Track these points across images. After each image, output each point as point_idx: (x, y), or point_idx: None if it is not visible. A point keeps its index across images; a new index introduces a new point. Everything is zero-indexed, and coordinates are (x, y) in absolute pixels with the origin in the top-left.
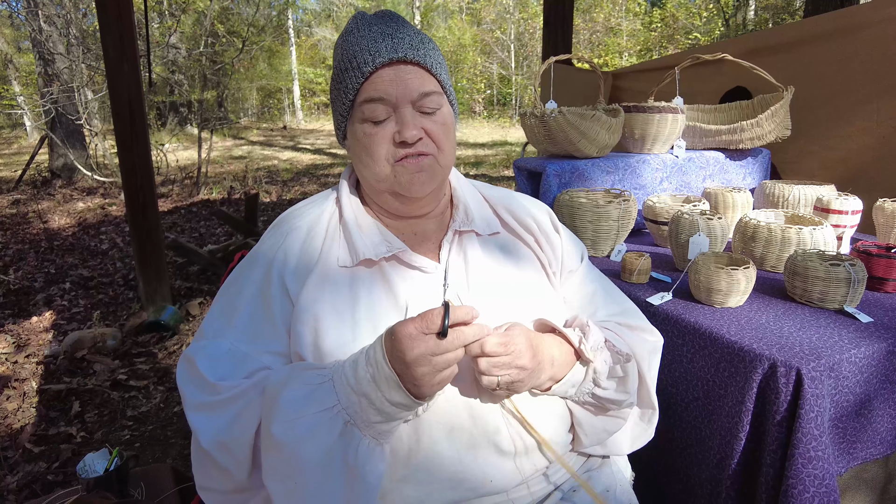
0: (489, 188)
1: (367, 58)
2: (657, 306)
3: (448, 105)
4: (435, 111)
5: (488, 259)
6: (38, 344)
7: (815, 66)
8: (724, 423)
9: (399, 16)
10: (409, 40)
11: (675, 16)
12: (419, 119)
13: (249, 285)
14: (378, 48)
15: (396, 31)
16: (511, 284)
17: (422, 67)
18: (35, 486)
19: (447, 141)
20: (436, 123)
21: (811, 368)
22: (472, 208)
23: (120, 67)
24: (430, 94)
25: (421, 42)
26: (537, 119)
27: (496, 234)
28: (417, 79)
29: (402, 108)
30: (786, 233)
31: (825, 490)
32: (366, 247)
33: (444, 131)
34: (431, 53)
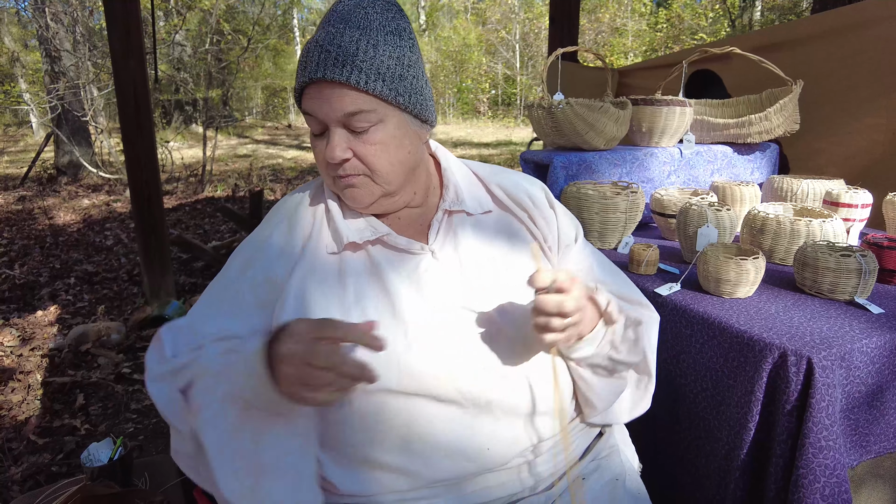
0: (481, 166)
1: (299, 72)
2: (665, 296)
3: (397, 117)
4: (366, 130)
5: (480, 238)
6: (42, 337)
7: (823, 63)
8: (733, 414)
9: (355, 16)
10: (336, 54)
11: (680, 16)
12: (349, 139)
13: (230, 269)
14: (307, 62)
15: (333, 39)
16: (505, 262)
17: (347, 86)
18: (39, 476)
19: (382, 161)
20: (366, 144)
21: (822, 358)
22: (463, 188)
23: (126, 63)
24: (358, 113)
25: (354, 52)
26: (545, 110)
27: (488, 212)
28: (341, 98)
29: (331, 126)
30: (795, 225)
31: (836, 480)
32: (349, 231)
33: (378, 151)
34: (365, 66)
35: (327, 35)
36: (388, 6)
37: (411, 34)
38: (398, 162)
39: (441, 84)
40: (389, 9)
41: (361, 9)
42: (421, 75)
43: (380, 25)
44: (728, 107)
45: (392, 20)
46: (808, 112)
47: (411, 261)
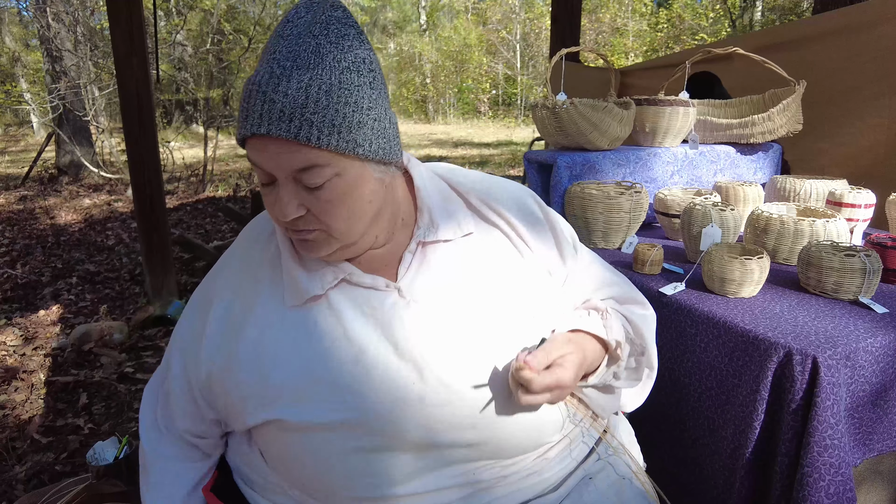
0: (462, 175)
1: (241, 118)
2: (670, 296)
3: (357, 168)
4: (321, 186)
5: (460, 267)
6: (45, 337)
7: (825, 63)
8: (738, 413)
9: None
10: (283, 104)
11: (681, 16)
12: (301, 194)
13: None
14: (248, 111)
15: (278, 85)
16: (493, 290)
17: (297, 143)
18: (43, 476)
19: (339, 217)
20: (320, 200)
21: (827, 357)
22: (438, 210)
23: (129, 62)
24: (311, 168)
25: (304, 103)
26: (549, 111)
27: (469, 234)
28: (290, 155)
29: (280, 180)
30: (798, 225)
31: (841, 479)
32: (310, 283)
33: (334, 207)
34: (317, 118)
35: (271, 77)
36: (344, 29)
37: (371, 63)
38: (357, 216)
39: (441, 84)
40: (345, 34)
41: (312, 37)
42: (383, 114)
43: (334, 61)
44: (731, 107)
45: (349, 50)
46: (811, 112)
47: (378, 300)
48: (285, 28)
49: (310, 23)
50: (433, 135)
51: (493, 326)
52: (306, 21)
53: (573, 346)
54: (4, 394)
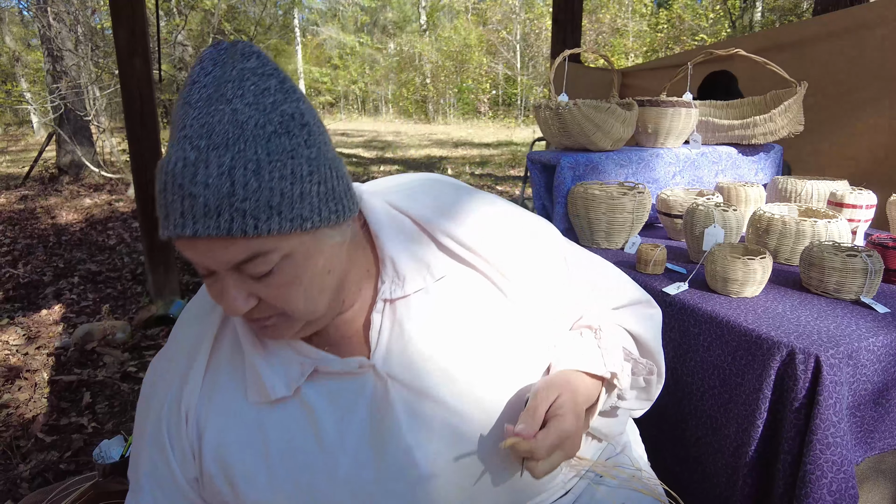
0: (421, 204)
1: (160, 213)
2: (673, 296)
3: (306, 242)
4: (269, 272)
5: (434, 321)
6: (48, 336)
7: (825, 64)
8: (741, 411)
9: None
10: (206, 197)
11: (681, 17)
12: (248, 284)
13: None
14: (166, 208)
15: (195, 175)
16: (479, 343)
17: (230, 238)
18: (48, 474)
19: (296, 300)
20: (270, 287)
21: (830, 356)
22: (402, 258)
23: (131, 62)
24: (252, 259)
25: (231, 191)
26: (552, 111)
27: (441, 278)
28: (224, 250)
29: (219, 274)
30: (800, 225)
31: (843, 476)
32: (272, 376)
33: (287, 290)
34: (248, 205)
35: (185, 165)
36: (262, 83)
37: (302, 116)
38: (317, 292)
39: (441, 84)
40: (265, 89)
41: (225, 103)
42: (328, 172)
43: (257, 128)
44: (732, 108)
45: (273, 109)
46: (812, 114)
47: (354, 390)
48: (192, 92)
49: (219, 81)
50: (433, 135)
51: (485, 390)
52: (215, 79)
53: (558, 388)
54: (8, 393)
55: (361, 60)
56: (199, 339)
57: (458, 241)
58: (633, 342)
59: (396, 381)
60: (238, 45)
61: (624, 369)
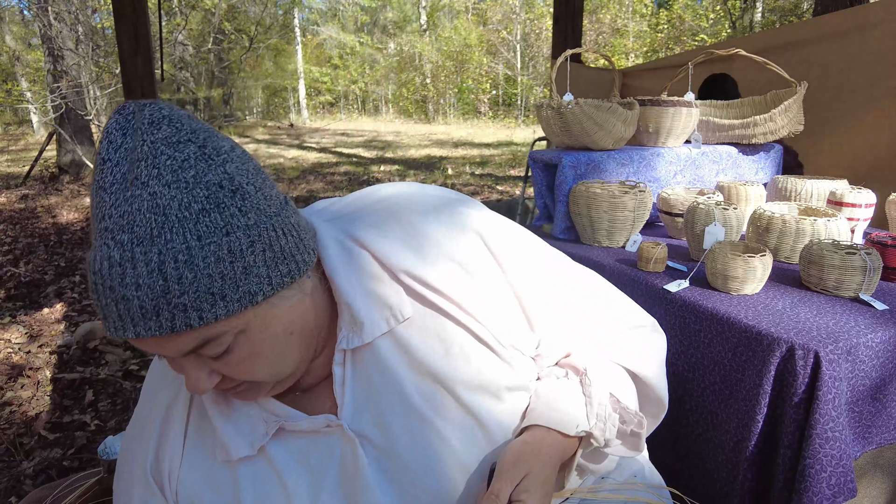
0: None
1: (97, 310)
2: (674, 293)
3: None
4: (225, 350)
5: (403, 368)
6: (50, 334)
7: (825, 65)
8: (740, 407)
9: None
10: (140, 299)
11: (681, 17)
12: (208, 363)
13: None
14: (103, 311)
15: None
16: (447, 389)
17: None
18: (51, 471)
19: (262, 370)
20: (230, 364)
21: (829, 351)
22: (361, 302)
23: (134, 60)
24: (205, 344)
25: (165, 289)
26: (554, 111)
27: (407, 319)
28: (172, 342)
29: (177, 359)
30: (800, 224)
31: (842, 470)
32: (236, 438)
33: (249, 364)
34: (188, 298)
35: (111, 266)
36: (178, 154)
37: (231, 179)
38: (282, 356)
39: (442, 84)
40: (183, 162)
41: (141, 187)
42: (272, 233)
43: (182, 210)
44: (733, 108)
45: (196, 184)
46: (812, 113)
47: (323, 450)
48: (104, 174)
49: (131, 159)
50: (433, 135)
51: (459, 445)
52: (126, 154)
53: (527, 464)
54: (11, 390)
55: (361, 60)
56: (175, 395)
57: (425, 283)
58: (627, 380)
59: (366, 439)
60: (146, 111)
61: (609, 420)
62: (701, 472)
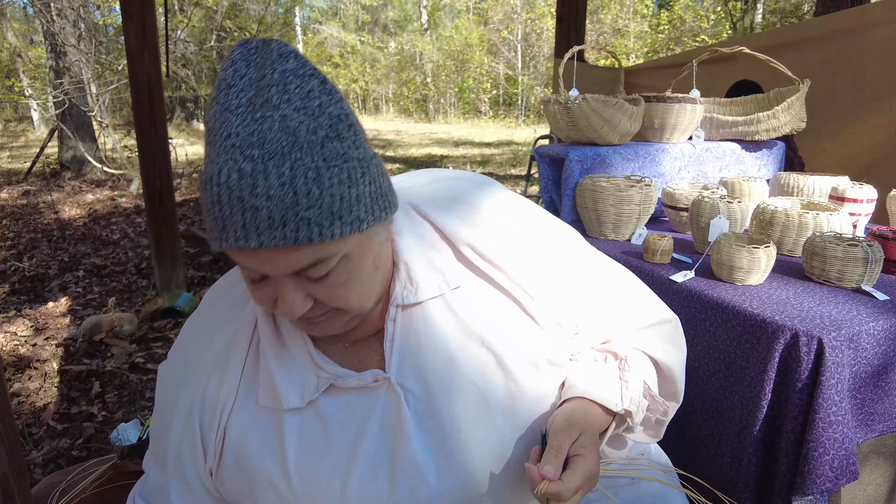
0: (449, 205)
1: (213, 226)
2: (680, 283)
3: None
4: (327, 274)
5: (449, 332)
6: (56, 328)
7: (827, 64)
8: (745, 394)
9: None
10: (269, 209)
11: (682, 18)
12: (305, 286)
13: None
14: (224, 223)
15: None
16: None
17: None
18: (60, 460)
19: (352, 297)
20: (328, 288)
21: (832, 338)
22: (417, 264)
23: (141, 57)
24: (314, 265)
25: (294, 202)
26: (561, 106)
27: (458, 288)
28: (288, 257)
29: (277, 279)
30: (803, 218)
31: (844, 453)
32: (289, 388)
33: (346, 290)
34: (312, 213)
35: (241, 178)
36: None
37: (347, 116)
38: (368, 289)
39: (442, 84)
40: (310, 92)
41: (273, 109)
42: (375, 170)
43: (310, 134)
44: (736, 105)
45: (321, 113)
46: (814, 112)
47: (368, 405)
48: (229, 97)
49: (259, 85)
50: (434, 134)
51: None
52: (252, 82)
53: (579, 426)
54: (19, 382)
55: (362, 59)
56: (234, 336)
57: (480, 254)
58: (654, 372)
59: (410, 393)
60: (273, 45)
61: (640, 406)
62: (706, 457)
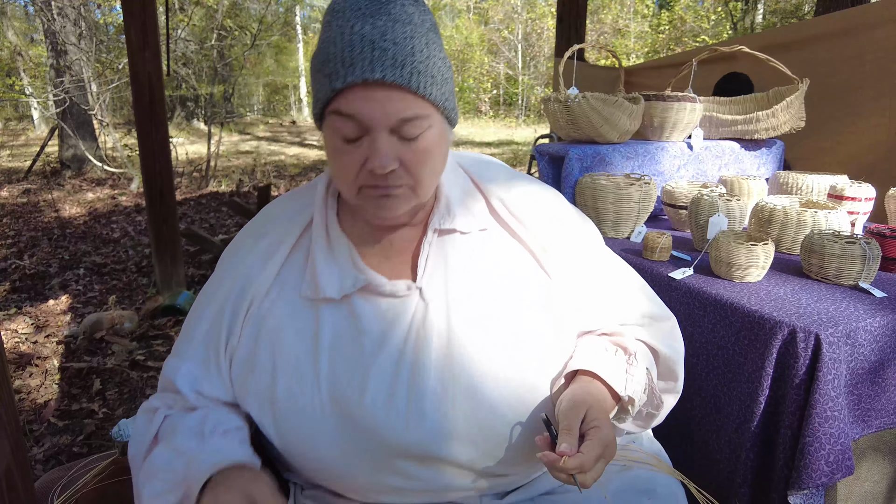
0: (488, 172)
1: (339, 69)
2: (679, 280)
3: (440, 122)
4: (417, 136)
5: (473, 264)
6: (56, 325)
7: (827, 64)
8: (743, 390)
9: (393, 9)
10: (394, 51)
11: (682, 18)
12: (396, 146)
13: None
14: (353, 59)
15: (384, 34)
16: (501, 296)
17: (406, 90)
18: (61, 457)
19: (427, 169)
20: (415, 152)
21: (829, 334)
22: (456, 201)
23: (142, 55)
24: (413, 119)
25: (412, 52)
26: (561, 104)
27: (484, 230)
28: (397, 103)
29: (377, 132)
30: (801, 216)
31: (840, 448)
32: (329, 281)
33: (425, 159)
34: (423, 67)
35: (374, 28)
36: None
37: (436, 27)
38: (437, 170)
39: None
40: (416, 1)
41: (393, 1)
42: (452, 74)
43: (421, 20)
44: (735, 104)
45: (426, 14)
46: (813, 112)
47: (399, 308)
48: None
49: None
50: None
51: (512, 334)
52: None
53: (585, 404)
54: (20, 379)
55: None
56: (284, 234)
57: (509, 208)
58: (655, 366)
59: (438, 305)
60: None
61: (640, 400)
62: (704, 453)
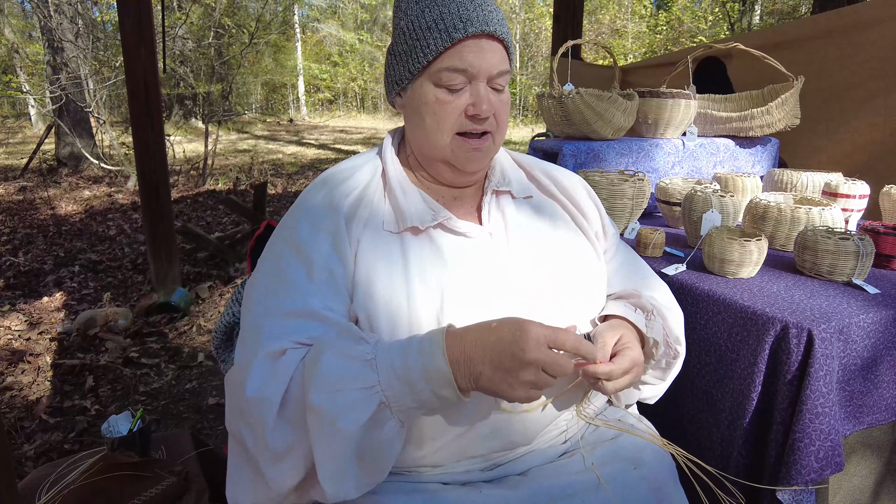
0: (521, 155)
1: (458, 24)
2: (672, 276)
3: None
4: (503, 89)
5: (526, 220)
6: (50, 322)
7: (822, 62)
8: (736, 386)
9: None
10: (496, 14)
11: (680, 19)
12: (491, 95)
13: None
14: (470, 16)
15: (485, 1)
16: (551, 245)
17: (503, 45)
18: (52, 454)
19: (505, 119)
20: (502, 102)
21: (822, 330)
22: (508, 170)
23: (138, 52)
24: (505, 73)
25: (502, 19)
26: (555, 100)
27: (530, 197)
28: (498, 55)
29: (479, 81)
30: (795, 212)
31: (830, 444)
32: (412, 214)
33: (507, 109)
34: (507, 31)
35: None
36: None
37: None
38: (508, 123)
39: None
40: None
41: None
42: None
43: None
44: (730, 101)
45: None
46: (808, 110)
47: (469, 244)
48: None
49: None
50: None
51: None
52: None
53: (621, 328)
54: (12, 375)
55: (361, 58)
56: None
57: (550, 177)
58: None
59: (504, 244)
60: None
61: (659, 348)
62: (696, 450)
